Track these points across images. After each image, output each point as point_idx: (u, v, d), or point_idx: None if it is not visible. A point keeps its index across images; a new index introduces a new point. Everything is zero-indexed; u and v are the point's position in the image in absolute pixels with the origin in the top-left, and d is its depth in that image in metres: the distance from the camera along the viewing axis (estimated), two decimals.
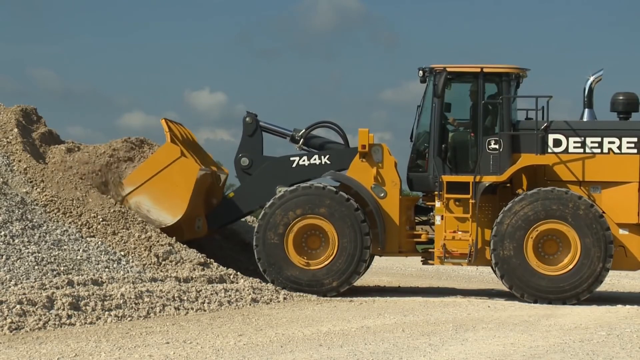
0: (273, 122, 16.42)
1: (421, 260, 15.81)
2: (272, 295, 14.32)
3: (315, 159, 15.82)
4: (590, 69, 15.83)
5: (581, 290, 14.51)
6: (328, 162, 15.77)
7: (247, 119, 16.20)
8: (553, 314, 13.43)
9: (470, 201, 14.90)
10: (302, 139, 16.12)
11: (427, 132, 15.32)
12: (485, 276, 20.97)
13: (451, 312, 13.39)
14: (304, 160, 15.86)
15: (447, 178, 15.05)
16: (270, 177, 15.80)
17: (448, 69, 15.04)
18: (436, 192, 15.11)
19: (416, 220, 15.77)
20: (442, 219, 15.07)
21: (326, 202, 14.91)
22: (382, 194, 15.27)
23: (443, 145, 15.18)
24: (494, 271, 15.26)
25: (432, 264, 15.49)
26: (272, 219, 14.98)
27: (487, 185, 14.91)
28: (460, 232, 15.01)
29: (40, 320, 11.14)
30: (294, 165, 15.88)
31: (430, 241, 15.44)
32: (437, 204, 15.12)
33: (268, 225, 14.98)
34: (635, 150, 14.85)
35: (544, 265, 14.58)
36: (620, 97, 15.28)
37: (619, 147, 14.90)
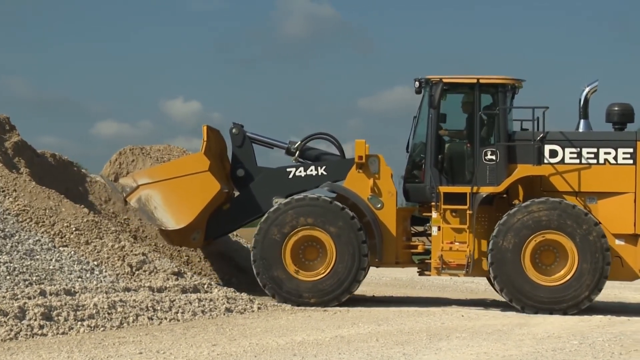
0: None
1: (417, 271, 15.82)
2: (246, 305, 14.29)
3: (311, 170, 15.77)
4: (586, 78, 15.97)
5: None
6: (324, 173, 15.71)
7: (234, 130, 16.13)
8: (526, 323, 13.50)
9: (468, 212, 14.90)
10: (297, 151, 16.07)
11: (423, 142, 15.34)
12: (458, 285, 21.04)
13: (425, 321, 13.42)
14: (300, 172, 15.79)
15: (444, 189, 15.04)
16: (267, 189, 15.75)
17: (444, 80, 15.06)
18: (433, 203, 15.11)
19: (412, 232, 15.78)
20: (439, 229, 15.06)
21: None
22: (379, 205, 15.28)
23: (439, 156, 15.20)
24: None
25: (429, 275, 15.51)
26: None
27: (484, 196, 14.91)
28: (457, 243, 15.00)
29: (11, 330, 11.04)
30: (290, 176, 15.80)
31: (427, 252, 15.46)
32: (434, 214, 15.11)
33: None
34: (630, 161, 14.91)
35: (542, 277, 14.59)
36: (616, 108, 15.33)
37: (615, 158, 14.96)
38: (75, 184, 17.26)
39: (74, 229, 14.69)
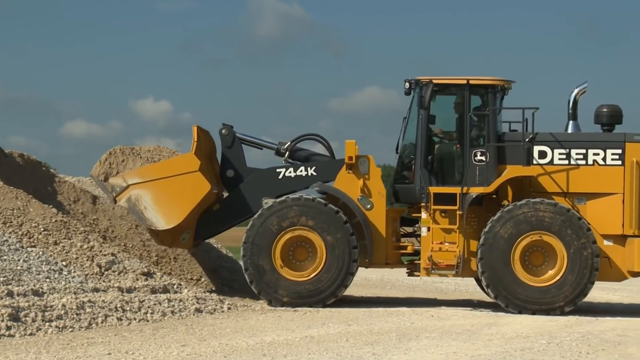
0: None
1: (406, 272, 15.84)
2: (215, 305, 14.27)
3: (301, 171, 15.75)
4: (575, 80, 16.14)
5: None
6: (314, 173, 15.70)
7: (223, 130, 16.09)
8: (495, 322, 13.58)
9: (458, 212, 14.94)
10: (287, 152, 16.04)
11: (413, 144, 15.37)
12: (428, 285, 21.14)
13: (395, 321, 13.46)
14: (290, 172, 15.77)
15: (434, 189, 15.07)
16: (256, 189, 15.71)
17: (434, 81, 15.11)
18: (423, 204, 15.14)
19: (402, 232, 15.80)
20: (428, 230, 15.09)
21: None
22: (369, 206, 15.30)
23: (429, 157, 15.23)
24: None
25: (418, 276, 15.53)
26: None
27: (474, 196, 14.94)
28: (447, 244, 15.03)
29: None
30: (280, 176, 15.78)
31: (416, 253, 15.48)
32: (424, 215, 15.14)
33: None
34: (619, 162, 15.00)
35: (526, 274, 14.62)
36: (604, 109, 15.43)
37: (604, 159, 15.05)
38: (43, 184, 17.14)
39: (42, 229, 14.58)
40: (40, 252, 14.11)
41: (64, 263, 14.09)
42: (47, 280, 13.34)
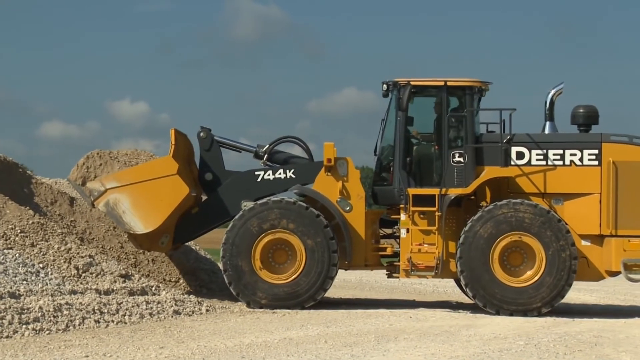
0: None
1: (386, 274, 15.87)
2: (194, 307, 14.24)
3: (280, 173, 15.76)
4: (552, 81, 16.25)
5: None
6: (293, 176, 15.72)
7: (202, 133, 16.07)
8: (473, 324, 13.63)
9: (437, 214, 14.98)
10: (266, 155, 16.04)
11: (392, 145, 15.41)
12: (407, 287, 21.19)
13: (373, 322, 13.48)
14: (269, 175, 15.78)
15: (413, 191, 15.12)
16: (235, 192, 15.70)
17: (412, 83, 15.14)
18: (402, 205, 15.17)
19: (381, 234, 15.82)
20: (407, 232, 15.13)
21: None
22: (348, 208, 15.33)
23: (408, 159, 15.26)
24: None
25: (398, 277, 15.56)
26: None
27: (452, 197, 14.99)
28: (426, 245, 15.08)
29: None
30: (259, 179, 15.79)
31: (396, 254, 15.51)
32: (403, 217, 15.17)
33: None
34: (596, 162, 15.10)
35: (504, 274, 14.68)
36: (581, 110, 15.55)
37: (580, 159, 15.15)
38: (20, 186, 17.03)
39: (18, 231, 14.49)
40: (17, 254, 14.02)
41: (41, 265, 14.01)
42: (24, 282, 13.26)
